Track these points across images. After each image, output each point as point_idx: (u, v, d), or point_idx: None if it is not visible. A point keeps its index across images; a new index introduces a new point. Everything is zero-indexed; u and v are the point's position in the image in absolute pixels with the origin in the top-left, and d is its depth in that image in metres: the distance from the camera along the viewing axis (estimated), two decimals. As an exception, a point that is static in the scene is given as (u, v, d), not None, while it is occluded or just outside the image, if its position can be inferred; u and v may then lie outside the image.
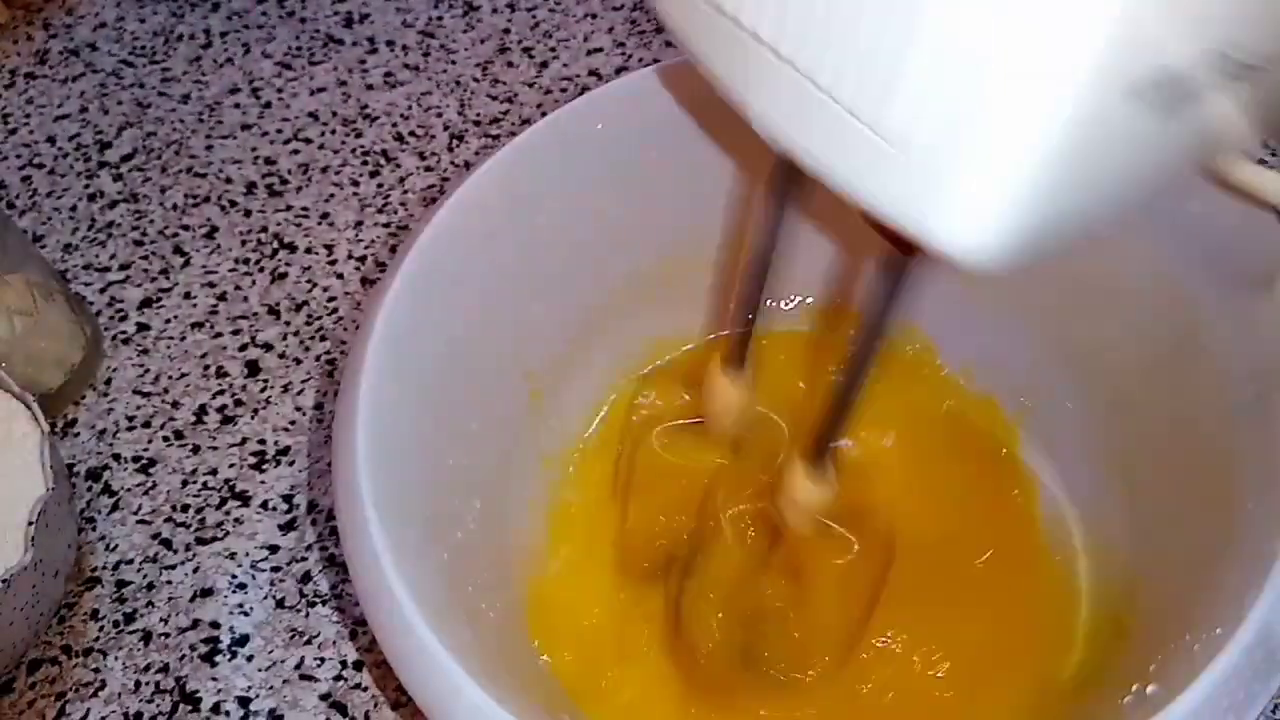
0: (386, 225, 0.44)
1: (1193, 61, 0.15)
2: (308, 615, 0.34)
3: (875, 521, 0.30)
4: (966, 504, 0.33)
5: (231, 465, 0.38)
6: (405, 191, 0.45)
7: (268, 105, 0.49)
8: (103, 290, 0.43)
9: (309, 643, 0.34)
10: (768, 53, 0.18)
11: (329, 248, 0.44)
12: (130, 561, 0.36)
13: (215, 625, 0.34)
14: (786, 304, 0.36)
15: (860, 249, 0.33)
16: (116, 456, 0.38)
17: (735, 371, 0.28)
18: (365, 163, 0.47)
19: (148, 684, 0.33)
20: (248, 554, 0.36)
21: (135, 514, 0.37)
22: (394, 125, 0.48)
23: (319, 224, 0.45)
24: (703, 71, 0.20)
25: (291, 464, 0.38)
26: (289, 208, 0.45)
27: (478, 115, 0.48)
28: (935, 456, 0.34)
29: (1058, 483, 0.33)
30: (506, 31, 0.51)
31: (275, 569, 0.35)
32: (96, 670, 0.34)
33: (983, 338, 0.35)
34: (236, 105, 0.49)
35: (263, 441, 0.38)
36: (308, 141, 0.48)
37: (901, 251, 0.20)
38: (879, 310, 0.21)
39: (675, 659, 0.31)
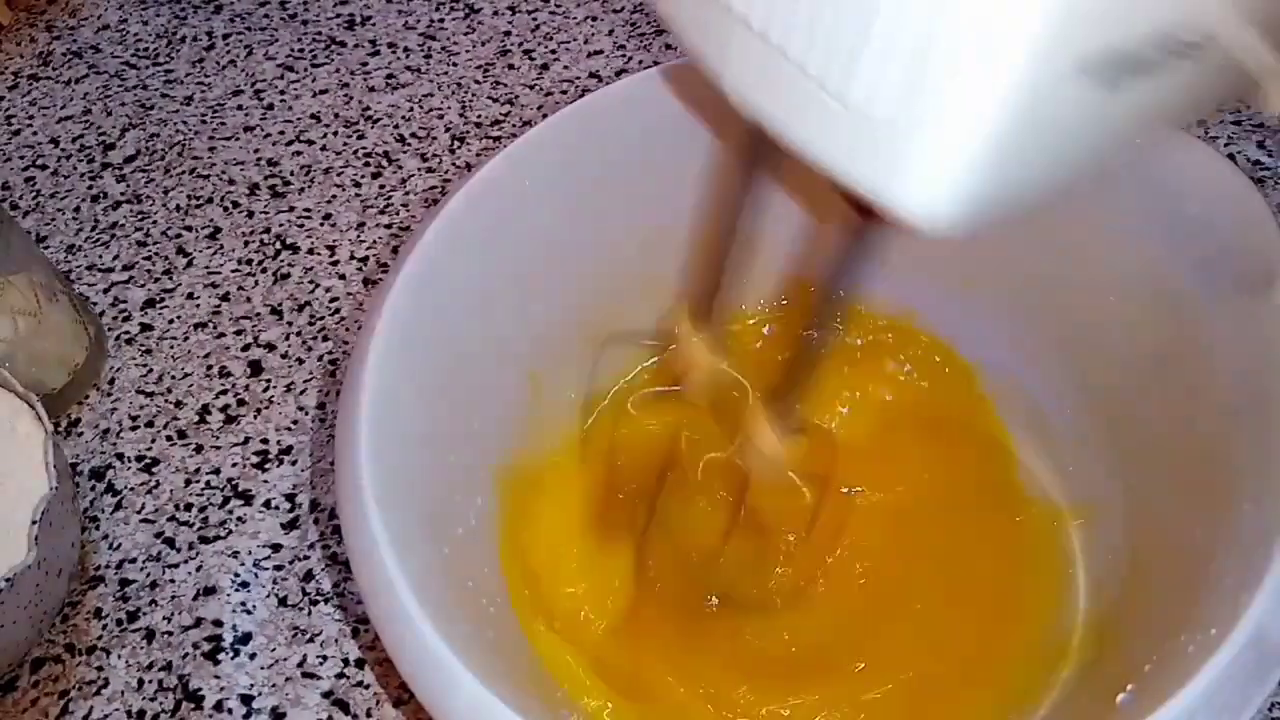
0: (388, 226, 0.44)
1: (1140, 40, 0.16)
2: (310, 613, 0.34)
3: (823, 453, 0.31)
4: (963, 503, 0.33)
5: (234, 464, 0.38)
6: (407, 193, 0.46)
7: (270, 107, 0.49)
8: (106, 290, 0.43)
9: (311, 641, 0.34)
10: (740, 25, 0.19)
11: (331, 248, 0.44)
12: (133, 560, 0.36)
13: (218, 623, 0.34)
14: (759, 296, 0.37)
15: (823, 229, 0.34)
16: (120, 456, 0.39)
17: (704, 330, 0.29)
18: (367, 164, 0.47)
19: (151, 682, 0.33)
20: (250, 553, 0.36)
21: (138, 513, 0.37)
22: (396, 127, 0.48)
23: (321, 225, 0.45)
24: (681, 42, 0.21)
25: (294, 463, 0.38)
26: (291, 209, 0.45)
27: (479, 117, 0.48)
28: (932, 456, 0.34)
29: (1054, 482, 0.33)
30: (507, 34, 0.52)
31: (278, 567, 0.35)
32: (100, 668, 0.34)
33: (981, 338, 0.35)
34: (239, 107, 0.50)
35: (265, 441, 0.39)
36: (310, 143, 0.48)
37: (863, 217, 0.21)
38: (839, 274, 0.23)
39: (645, 602, 0.32)
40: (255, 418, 0.39)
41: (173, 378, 0.41)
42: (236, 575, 0.35)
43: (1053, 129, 0.17)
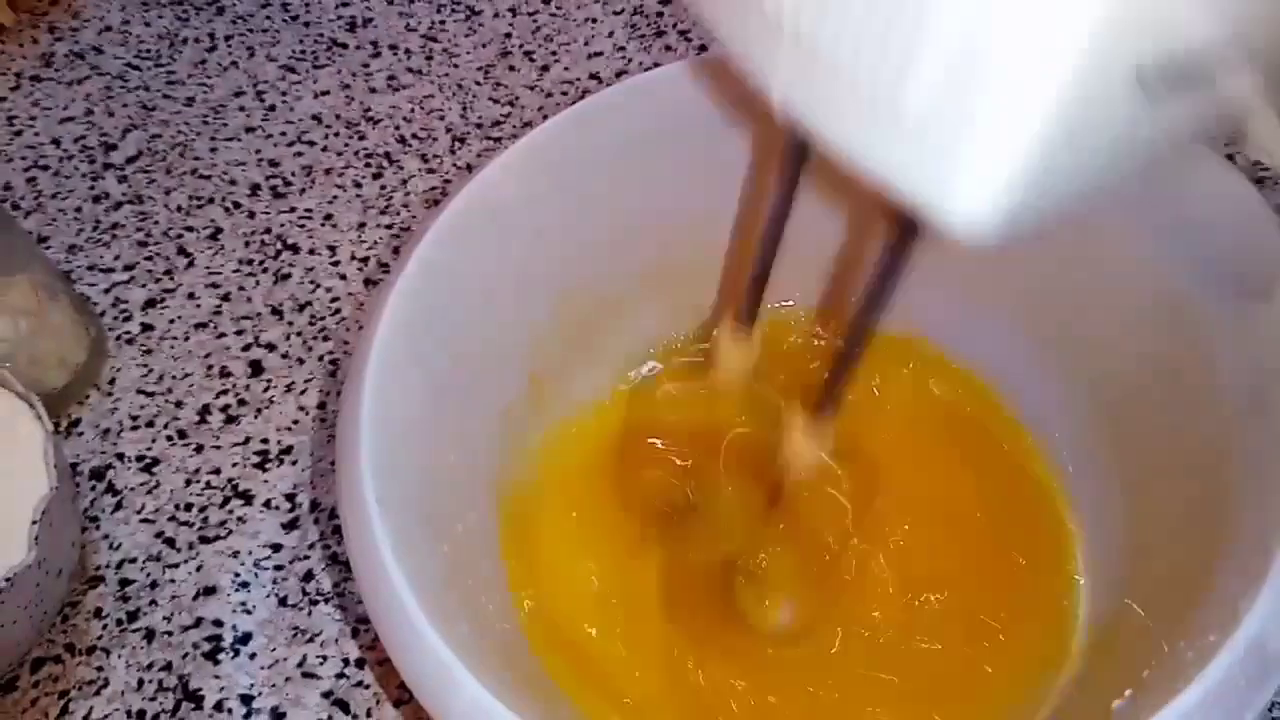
0: (389, 227, 0.45)
1: (1193, 48, 0.16)
2: (310, 613, 0.34)
3: (862, 460, 0.31)
4: (964, 506, 0.33)
5: (235, 464, 0.38)
6: (408, 193, 0.46)
7: (272, 108, 0.50)
8: (107, 291, 0.43)
9: (311, 641, 0.34)
10: (786, 33, 0.19)
11: (332, 249, 0.44)
12: (133, 560, 0.36)
13: (218, 623, 0.34)
14: (788, 303, 0.37)
15: (861, 249, 0.34)
16: (120, 456, 0.39)
17: (744, 331, 0.29)
18: (368, 165, 0.47)
19: (151, 682, 0.33)
20: (250, 552, 0.36)
21: (138, 513, 0.37)
22: (397, 128, 0.48)
23: (322, 225, 0.45)
24: (723, 48, 0.21)
25: (294, 463, 0.38)
26: (292, 209, 0.46)
27: (480, 118, 0.48)
28: (934, 459, 0.34)
29: (1055, 487, 0.33)
30: (508, 35, 0.52)
31: (278, 567, 0.35)
32: (99, 668, 0.34)
33: (983, 341, 0.35)
34: (241, 108, 0.50)
35: (266, 441, 0.39)
36: (311, 144, 0.48)
37: (903, 233, 0.21)
38: (878, 290, 0.23)
39: (671, 610, 0.32)
40: (256, 418, 0.39)
41: (173, 378, 0.41)
42: (237, 575, 0.35)
43: (1100, 137, 0.17)
